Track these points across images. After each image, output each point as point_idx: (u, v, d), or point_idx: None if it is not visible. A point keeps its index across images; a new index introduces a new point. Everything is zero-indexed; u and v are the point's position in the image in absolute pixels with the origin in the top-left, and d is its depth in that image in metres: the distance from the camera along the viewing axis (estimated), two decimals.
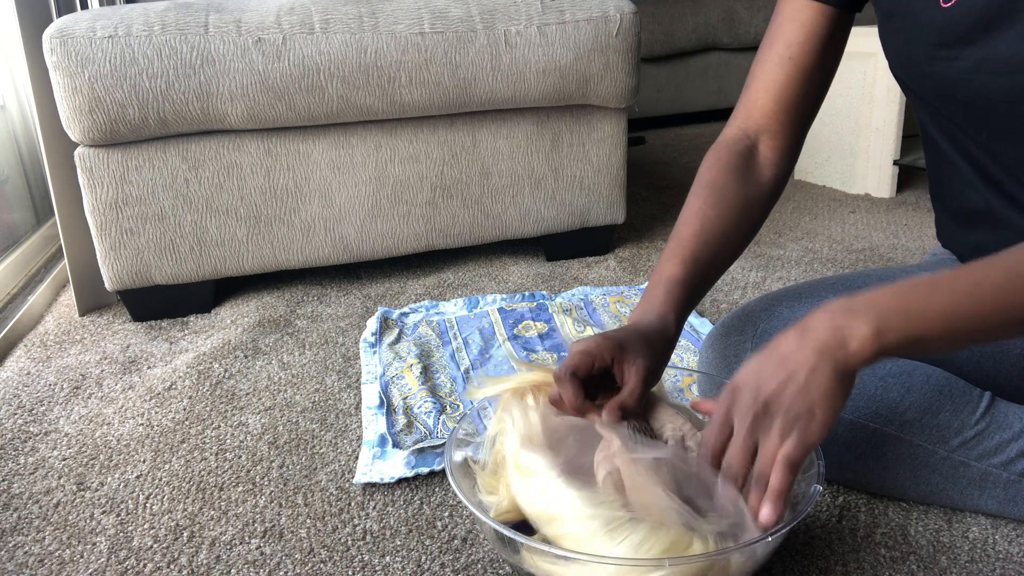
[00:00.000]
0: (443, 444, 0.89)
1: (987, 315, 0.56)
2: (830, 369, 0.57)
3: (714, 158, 0.77)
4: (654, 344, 0.68)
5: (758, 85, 0.78)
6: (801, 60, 0.75)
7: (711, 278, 0.75)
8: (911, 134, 1.98)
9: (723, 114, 3.20)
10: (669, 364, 0.68)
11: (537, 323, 1.24)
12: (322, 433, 0.97)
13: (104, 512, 0.83)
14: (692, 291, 0.72)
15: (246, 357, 1.18)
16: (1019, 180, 0.70)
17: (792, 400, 0.57)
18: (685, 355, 1.14)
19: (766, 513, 0.57)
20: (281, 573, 0.73)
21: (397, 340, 1.20)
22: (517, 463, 0.63)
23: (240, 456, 0.92)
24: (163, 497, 0.85)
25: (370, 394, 1.03)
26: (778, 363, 0.58)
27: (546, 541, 0.60)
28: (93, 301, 1.40)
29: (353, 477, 0.87)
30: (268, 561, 0.74)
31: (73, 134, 1.22)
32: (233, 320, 1.33)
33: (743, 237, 0.77)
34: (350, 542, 0.77)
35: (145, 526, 0.80)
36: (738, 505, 0.58)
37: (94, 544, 0.78)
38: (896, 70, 0.74)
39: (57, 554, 0.77)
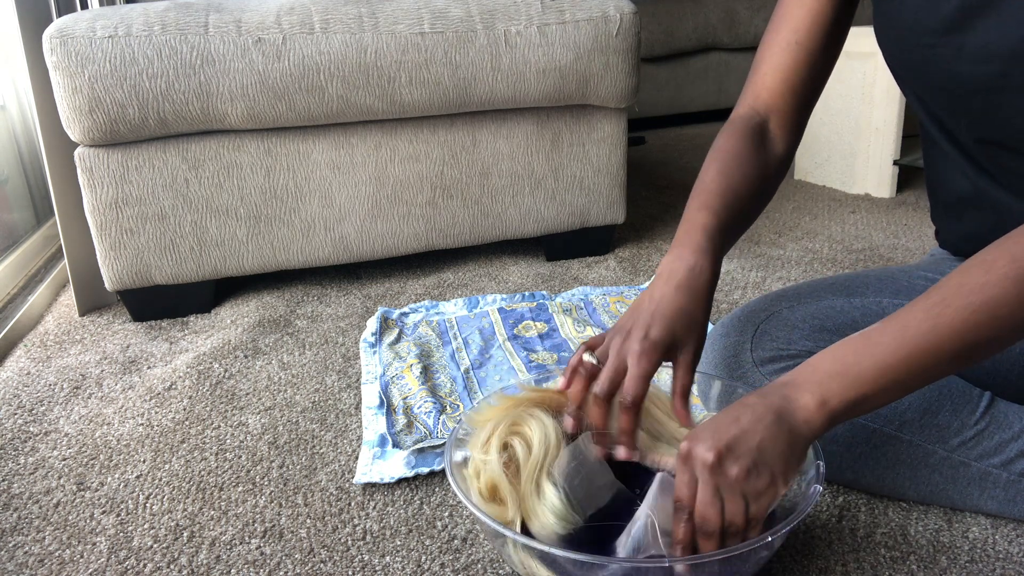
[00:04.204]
0: (443, 444, 0.89)
1: (919, 359, 0.56)
2: (786, 432, 0.57)
3: (730, 131, 0.78)
4: (698, 319, 0.67)
5: (766, 68, 0.79)
6: (807, 44, 0.77)
7: (735, 235, 0.75)
8: (911, 134, 1.98)
9: (723, 114, 3.20)
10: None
11: (537, 323, 1.24)
12: (322, 433, 0.97)
13: (104, 512, 0.83)
14: (725, 241, 0.72)
15: (246, 357, 1.18)
16: (1001, 165, 0.71)
17: (749, 450, 0.56)
18: None
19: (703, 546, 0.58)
20: (281, 573, 0.73)
21: (397, 340, 1.20)
22: (542, 495, 0.64)
23: (240, 456, 0.92)
24: (163, 497, 0.85)
25: (370, 394, 1.03)
26: (734, 418, 0.58)
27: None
28: (93, 301, 1.40)
29: (353, 477, 0.87)
30: (268, 561, 0.74)
31: (73, 134, 1.22)
32: (233, 320, 1.33)
33: (759, 204, 0.77)
34: (350, 542, 0.77)
35: (145, 526, 0.80)
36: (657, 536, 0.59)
37: (94, 544, 0.78)
38: (886, 57, 0.76)
39: (57, 554, 0.77)
